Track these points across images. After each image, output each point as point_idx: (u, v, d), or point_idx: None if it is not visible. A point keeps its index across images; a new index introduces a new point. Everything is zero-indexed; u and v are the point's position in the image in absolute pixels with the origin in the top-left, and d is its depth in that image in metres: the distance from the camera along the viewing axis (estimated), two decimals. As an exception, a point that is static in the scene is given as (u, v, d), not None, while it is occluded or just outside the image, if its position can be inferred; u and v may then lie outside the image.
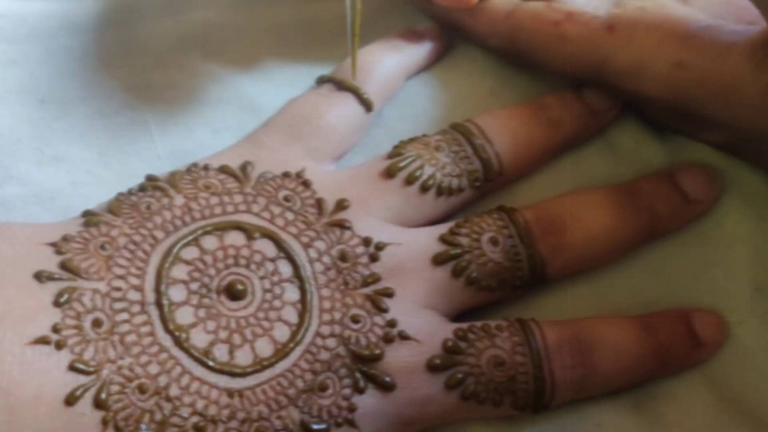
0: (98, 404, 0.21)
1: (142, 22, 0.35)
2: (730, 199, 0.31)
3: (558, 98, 0.32)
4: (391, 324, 0.25)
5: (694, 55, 0.28)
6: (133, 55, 0.34)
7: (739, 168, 0.31)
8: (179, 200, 0.26)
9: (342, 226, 0.27)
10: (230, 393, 0.23)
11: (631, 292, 0.29)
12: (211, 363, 0.23)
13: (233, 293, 0.24)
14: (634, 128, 0.32)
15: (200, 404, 0.22)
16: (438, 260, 0.27)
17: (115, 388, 0.22)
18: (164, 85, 0.33)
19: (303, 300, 0.25)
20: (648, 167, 0.31)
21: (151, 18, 0.35)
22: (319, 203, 0.27)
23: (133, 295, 0.23)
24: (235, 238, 0.25)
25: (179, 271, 0.24)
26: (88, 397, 0.21)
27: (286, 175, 0.28)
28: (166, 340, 0.23)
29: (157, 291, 0.24)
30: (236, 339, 0.24)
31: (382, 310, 0.25)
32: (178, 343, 0.23)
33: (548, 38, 0.31)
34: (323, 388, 0.24)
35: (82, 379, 0.21)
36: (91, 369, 0.21)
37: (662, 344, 0.27)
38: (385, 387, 0.24)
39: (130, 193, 0.26)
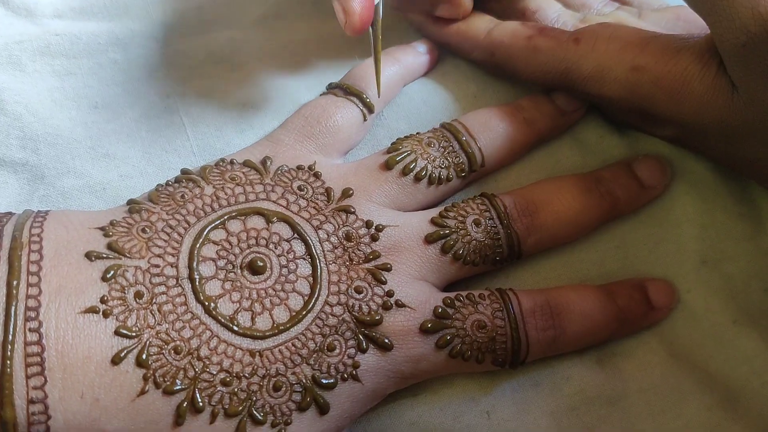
0: (140, 363, 0.21)
1: (178, 39, 0.34)
2: (679, 185, 0.30)
3: (532, 100, 0.31)
4: (389, 294, 0.24)
5: (649, 59, 0.27)
6: (170, 67, 0.33)
7: (686, 158, 0.30)
8: (209, 190, 0.25)
9: (347, 211, 0.26)
10: (252, 353, 0.22)
11: (595, 264, 0.29)
12: (235, 327, 0.22)
13: (254, 269, 0.24)
14: (597, 125, 0.31)
15: (226, 363, 0.22)
16: (429, 239, 0.26)
17: (154, 349, 0.21)
18: (197, 93, 0.32)
19: (314, 274, 0.24)
20: (609, 158, 0.31)
21: (185, 36, 0.34)
22: (327, 192, 0.26)
23: (169, 271, 0.23)
24: (256, 221, 0.25)
25: (208, 250, 0.24)
26: (131, 357, 0.21)
27: (299, 167, 0.27)
28: (198, 309, 0.22)
29: (190, 267, 0.23)
30: (257, 307, 0.23)
31: (382, 282, 0.25)
32: (208, 311, 0.22)
33: (523, 51, 0.30)
34: (331, 348, 0.23)
35: (126, 342, 0.21)
36: (134, 334, 0.21)
37: (621, 308, 0.27)
38: (384, 347, 0.24)
39: (167, 184, 0.26)
